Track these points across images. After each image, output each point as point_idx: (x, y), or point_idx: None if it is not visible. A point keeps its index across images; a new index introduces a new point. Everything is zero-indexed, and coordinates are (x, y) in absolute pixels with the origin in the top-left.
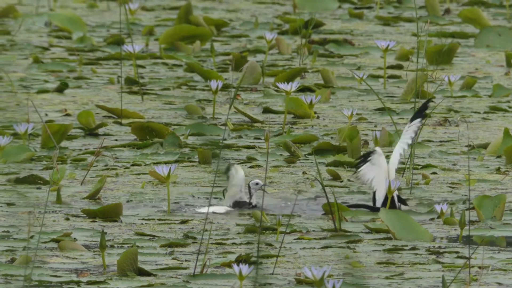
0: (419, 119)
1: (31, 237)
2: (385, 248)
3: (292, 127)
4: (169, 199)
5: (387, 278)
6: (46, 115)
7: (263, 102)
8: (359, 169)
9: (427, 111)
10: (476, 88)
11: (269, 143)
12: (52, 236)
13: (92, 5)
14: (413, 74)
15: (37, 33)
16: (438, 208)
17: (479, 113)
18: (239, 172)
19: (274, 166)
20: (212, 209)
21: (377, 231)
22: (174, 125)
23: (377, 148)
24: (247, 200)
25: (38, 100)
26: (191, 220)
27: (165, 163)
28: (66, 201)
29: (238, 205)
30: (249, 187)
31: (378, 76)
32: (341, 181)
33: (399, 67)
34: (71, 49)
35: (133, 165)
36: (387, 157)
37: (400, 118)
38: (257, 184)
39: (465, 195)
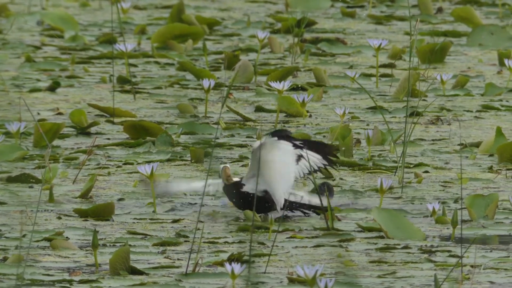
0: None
1: (23, 236)
2: (378, 247)
3: (284, 126)
4: (154, 198)
5: (379, 277)
6: (38, 114)
7: (256, 100)
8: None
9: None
10: (469, 86)
11: None
12: (44, 235)
13: (84, 4)
14: (405, 73)
15: (29, 32)
16: (430, 207)
17: (471, 111)
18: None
19: None
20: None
21: (370, 229)
22: (166, 124)
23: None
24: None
25: (30, 99)
26: (183, 219)
27: (158, 161)
28: (58, 200)
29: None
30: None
31: (371, 75)
32: (333, 180)
33: (392, 65)
34: (63, 48)
35: (125, 163)
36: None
37: (393, 117)
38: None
39: (457, 194)
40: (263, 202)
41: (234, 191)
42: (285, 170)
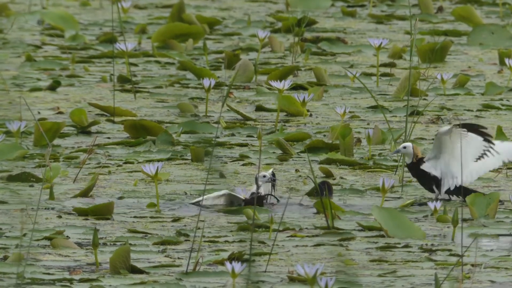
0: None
1: (24, 234)
2: (378, 246)
3: (284, 125)
4: (158, 197)
5: (379, 275)
6: (39, 113)
7: (256, 100)
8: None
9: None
10: (469, 86)
11: (261, 141)
12: (45, 234)
13: (84, 3)
14: (406, 72)
15: (29, 31)
16: (431, 205)
17: (472, 111)
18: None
19: (266, 164)
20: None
21: (370, 228)
22: (167, 123)
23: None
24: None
25: (30, 98)
26: (183, 218)
27: (158, 161)
28: (59, 199)
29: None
30: (256, 179)
31: (371, 74)
32: (334, 179)
33: (392, 65)
34: (63, 47)
35: (125, 163)
36: None
37: (393, 116)
38: (264, 176)
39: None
40: (432, 181)
41: (415, 168)
42: (463, 159)
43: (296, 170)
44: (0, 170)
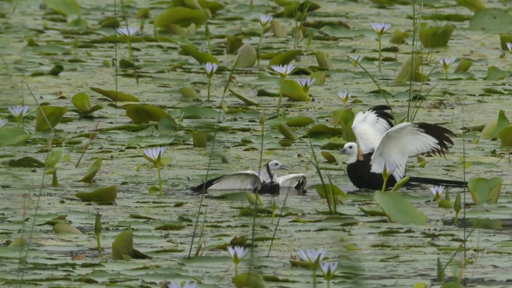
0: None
1: (26, 219)
2: (380, 231)
3: (287, 110)
4: (161, 182)
5: (382, 261)
6: (41, 97)
7: (258, 84)
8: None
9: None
10: (471, 70)
11: (264, 126)
12: (47, 218)
13: None
14: (408, 57)
15: (32, 16)
16: (433, 190)
17: (474, 95)
18: None
19: (269, 149)
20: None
21: (372, 213)
22: (169, 107)
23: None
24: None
25: (33, 83)
26: (186, 202)
27: (160, 145)
28: (61, 184)
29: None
30: (267, 167)
31: (373, 59)
32: (336, 164)
33: (394, 49)
34: (66, 32)
35: (128, 147)
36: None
37: (395, 101)
38: (276, 164)
39: (461, 178)
40: (380, 179)
41: (362, 167)
42: (406, 152)
43: (299, 155)
44: (3, 155)
